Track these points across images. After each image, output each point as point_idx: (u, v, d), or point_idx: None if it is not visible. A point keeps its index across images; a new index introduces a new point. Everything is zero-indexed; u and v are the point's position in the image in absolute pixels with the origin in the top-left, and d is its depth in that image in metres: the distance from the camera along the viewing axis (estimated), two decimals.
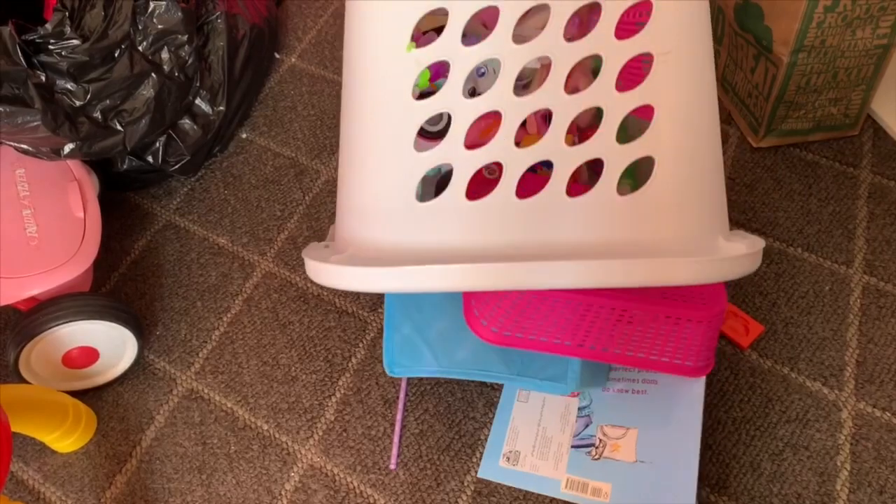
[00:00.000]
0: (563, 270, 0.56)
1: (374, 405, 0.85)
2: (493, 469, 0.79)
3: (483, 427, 0.82)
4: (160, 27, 0.88)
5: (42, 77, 0.82)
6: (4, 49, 0.77)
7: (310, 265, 0.65)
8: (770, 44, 0.91)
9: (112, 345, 0.85)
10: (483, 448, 0.81)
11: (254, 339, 0.91)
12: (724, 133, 1.05)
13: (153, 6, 0.86)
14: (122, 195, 1.04)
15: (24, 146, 0.86)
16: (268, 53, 1.15)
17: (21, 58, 0.78)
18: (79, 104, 0.85)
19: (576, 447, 0.78)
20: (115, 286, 0.96)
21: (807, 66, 0.91)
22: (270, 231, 1.00)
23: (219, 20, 0.98)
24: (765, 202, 0.98)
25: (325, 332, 0.91)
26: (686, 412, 0.76)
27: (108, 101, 0.87)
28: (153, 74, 0.89)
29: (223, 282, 0.96)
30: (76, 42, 0.81)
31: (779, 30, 0.89)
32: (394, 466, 0.81)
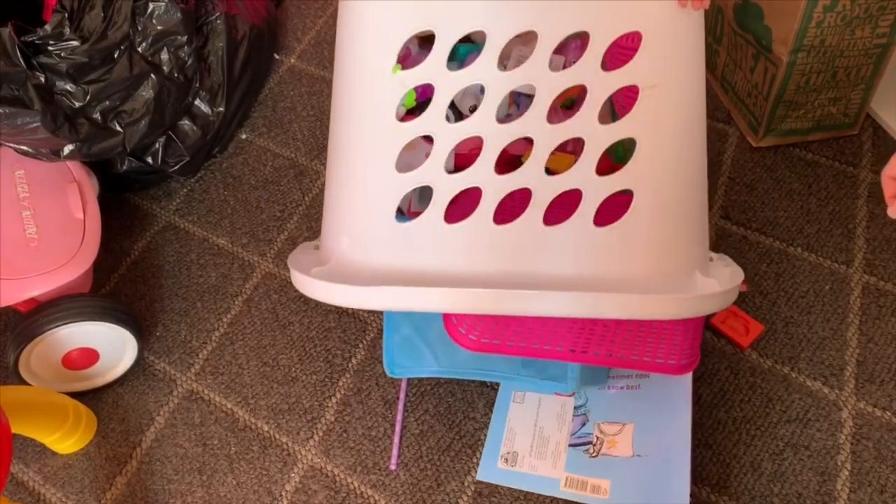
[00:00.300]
0: (534, 299, 0.57)
1: (375, 406, 0.85)
2: (492, 471, 0.79)
3: (483, 427, 0.82)
4: (159, 28, 0.88)
5: (41, 78, 0.82)
6: (4, 50, 0.77)
7: (295, 275, 0.66)
8: (769, 43, 0.91)
9: (112, 346, 0.85)
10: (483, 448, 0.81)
11: (254, 340, 0.91)
12: (724, 133, 1.05)
13: (152, 7, 0.86)
14: (122, 196, 1.04)
15: (24, 147, 0.86)
16: (267, 54, 1.15)
17: (20, 59, 0.78)
18: (78, 105, 0.85)
19: (573, 446, 0.78)
20: (115, 287, 0.96)
21: (806, 66, 0.91)
22: (270, 232, 1.00)
23: (218, 21, 0.98)
24: (765, 202, 0.98)
25: (325, 333, 0.91)
26: (677, 402, 0.77)
27: (108, 103, 0.87)
28: (152, 75, 0.89)
29: (223, 283, 0.96)
30: (75, 43, 0.81)
31: (778, 29, 0.89)
32: (394, 467, 0.81)
